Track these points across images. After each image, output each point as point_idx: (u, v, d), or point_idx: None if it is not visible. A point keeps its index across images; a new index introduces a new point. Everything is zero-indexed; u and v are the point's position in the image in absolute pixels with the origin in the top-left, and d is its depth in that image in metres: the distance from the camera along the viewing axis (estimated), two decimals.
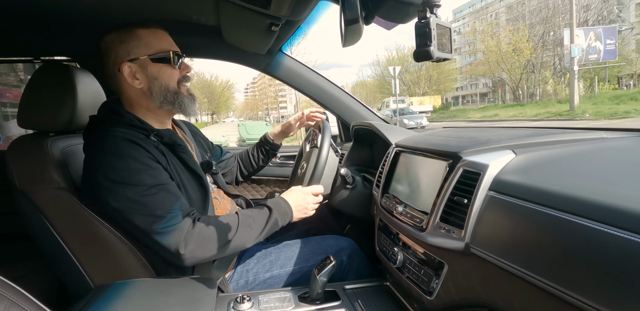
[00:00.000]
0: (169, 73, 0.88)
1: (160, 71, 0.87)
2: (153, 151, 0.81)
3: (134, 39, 0.85)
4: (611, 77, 21.51)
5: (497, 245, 0.54)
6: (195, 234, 0.77)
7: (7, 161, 0.83)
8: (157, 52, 0.86)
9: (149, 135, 0.84)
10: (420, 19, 0.52)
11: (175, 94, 0.88)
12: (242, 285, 0.95)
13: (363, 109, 1.60)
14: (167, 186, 0.78)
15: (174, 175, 0.84)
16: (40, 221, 0.82)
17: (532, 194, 0.52)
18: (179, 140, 0.90)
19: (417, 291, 0.74)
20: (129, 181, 0.75)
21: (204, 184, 0.90)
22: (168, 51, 0.87)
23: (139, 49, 0.85)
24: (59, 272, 0.88)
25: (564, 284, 0.43)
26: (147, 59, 0.85)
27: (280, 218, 0.88)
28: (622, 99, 14.38)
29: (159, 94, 0.87)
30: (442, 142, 0.80)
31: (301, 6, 0.85)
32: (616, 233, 0.39)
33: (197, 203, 0.88)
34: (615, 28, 16.74)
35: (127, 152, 0.77)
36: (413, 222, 0.75)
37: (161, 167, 0.81)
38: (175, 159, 0.87)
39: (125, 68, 0.84)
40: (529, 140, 0.69)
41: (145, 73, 0.86)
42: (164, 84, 0.87)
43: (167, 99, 0.88)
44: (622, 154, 0.65)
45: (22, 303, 0.38)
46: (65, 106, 0.89)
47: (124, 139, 0.79)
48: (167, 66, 0.87)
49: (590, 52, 15.87)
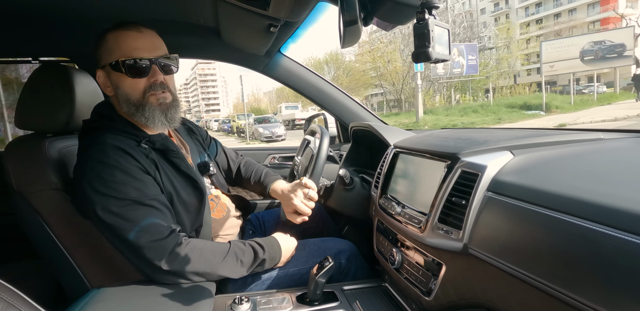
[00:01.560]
0: (130, 82, 0.80)
1: (120, 81, 0.81)
2: (143, 161, 0.79)
3: (103, 44, 0.81)
4: (480, 89, 23.34)
5: (495, 246, 0.54)
6: (181, 255, 0.76)
7: (5, 162, 0.83)
8: (116, 60, 0.79)
9: (140, 142, 0.82)
10: (418, 21, 0.52)
11: (138, 105, 0.81)
12: (240, 285, 0.95)
13: (362, 110, 1.61)
14: (152, 201, 0.77)
15: (166, 183, 0.83)
16: (37, 222, 0.81)
17: (530, 195, 0.52)
18: (172, 145, 0.88)
19: (416, 292, 0.74)
20: (113, 194, 0.74)
21: (199, 187, 0.89)
22: (128, 58, 0.78)
23: (106, 56, 0.81)
24: (56, 273, 0.88)
25: (561, 284, 0.43)
26: (108, 66, 0.80)
27: (268, 261, 0.89)
28: (466, 112, 15.68)
29: (125, 104, 0.82)
30: (440, 143, 0.80)
31: (300, 7, 0.85)
32: (613, 234, 0.39)
33: (192, 207, 0.87)
34: (475, 45, 18.51)
35: (115, 162, 0.75)
36: (411, 223, 0.76)
37: (150, 178, 0.79)
38: (168, 165, 0.86)
39: (99, 74, 0.83)
40: (526, 141, 0.69)
41: (109, 81, 0.83)
42: (125, 93, 0.81)
43: (130, 110, 0.82)
44: (620, 154, 0.65)
45: (18, 304, 0.37)
46: (63, 106, 0.88)
47: (113, 147, 0.77)
48: (123, 75, 0.80)
49: (455, 67, 17.19)
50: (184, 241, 0.78)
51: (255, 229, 1.24)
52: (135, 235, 0.74)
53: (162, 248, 0.75)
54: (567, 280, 0.43)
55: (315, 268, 0.85)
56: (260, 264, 0.88)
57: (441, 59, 0.54)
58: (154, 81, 0.82)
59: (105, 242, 0.83)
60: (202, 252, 0.79)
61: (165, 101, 0.85)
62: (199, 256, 0.78)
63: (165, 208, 0.79)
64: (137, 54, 0.79)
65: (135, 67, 0.79)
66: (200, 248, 0.79)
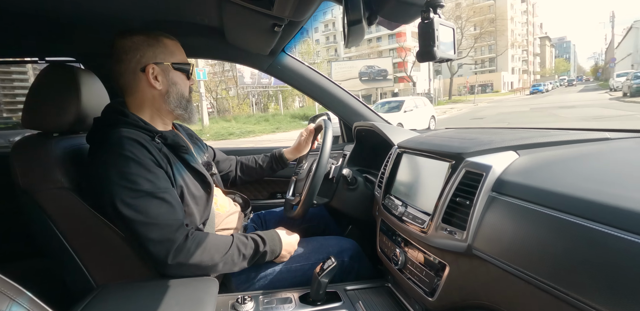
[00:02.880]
0: (185, 82, 0.96)
1: (179, 78, 0.94)
2: (156, 154, 0.82)
3: (161, 45, 0.91)
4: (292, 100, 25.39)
5: (499, 246, 0.54)
6: (187, 248, 0.78)
7: (11, 161, 0.84)
8: (179, 62, 0.93)
9: (153, 137, 0.86)
10: (423, 20, 0.52)
11: (187, 102, 0.96)
12: (243, 280, 0.95)
13: (365, 110, 1.60)
14: (164, 194, 0.79)
15: (177, 177, 0.86)
16: (44, 220, 0.82)
17: (535, 195, 0.52)
18: (182, 141, 0.93)
19: (419, 293, 0.74)
20: (128, 184, 0.76)
21: (207, 181, 0.93)
22: (188, 63, 0.96)
23: (164, 55, 0.91)
24: (62, 271, 0.89)
25: (566, 286, 0.43)
26: (170, 65, 0.92)
27: (270, 253, 0.91)
28: (259, 120, 16.36)
29: (175, 99, 0.93)
30: (444, 143, 0.79)
31: (304, 7, 0.85)
32: (619, 235, 0.38)
33: (201, 200, 0.91)
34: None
35: (130, 153, 0.78)
36: (415, 223, 0.75)
37: (162, 171, 0.82)
38: (178, 161, 0.89)
39: (150, 69, 0.88)
40: (531, 140, 0.69)
41: (166, 77, 0.91)
42: (181, 90, 0.94)
43: (181, 105, 0.94)
44: (626, 155, 0.64)
45: (24, 302, 0.38)
46: (69, 106, 0.89)
47: (128, 139, 0.80)
48: (184, 75, 0.95)
49: (263, 77, 18.03)
50: (190, 235, 0.80)
51: (258, 228, 1.25)
52: (146, 228, 0.76)
53: (169, 242, 0.77)
54: (572, 282, 0.42)
55: (318, 268, 0.85)
56: (261, 256, 0.90)
57: (446, 58, 0.54)
58: (191, 85, 0.99)
59: (111, 240, 0.83)
60: (206, 246, 0.81)
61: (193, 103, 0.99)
62: (203, 250, 0.80)
63: (175, 201, 0.82)
64: (190, 62, 0.98)
65: (191, 71, 0.97)
66: (205, 242, 0.81)
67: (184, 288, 0.76)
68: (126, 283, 0.80)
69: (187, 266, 0.78)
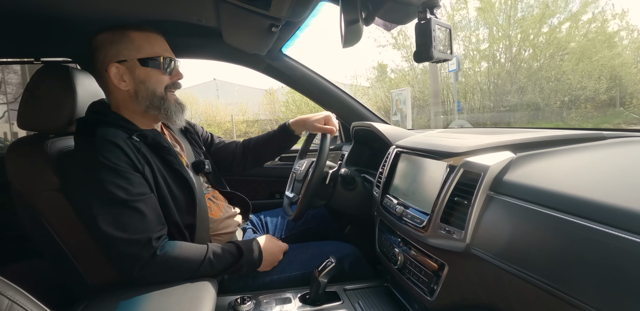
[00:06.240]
0: (157, 78, 0.87)
1: (148, 75, 0.86)
2: (132, 156, 0.79)
3: (126, 40, 0.85)
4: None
5: (498, 246, 0.54)
6: (153, 264, 0.76)
7: (7, 162, 0.83)
8: (147, 56, 0.85)
9: (131, 134, 0.83)
10: (420, 20, 0.52)
11: (161, 100, 0.88)
12: (240, 287, 0.95)
13: (363, 110, 1.60)
14: (137, 203, 0.76)
15: (158, 178, 0.83)
16: (39, 221, 0.82)
17: (533, 194, 0.52)
18: (164, 141, 0.89)
19: (418, 292, 0.74)
20: (99, 193, 0.74)
21: (189, 186, 0.89)
22: (159, 56, 0.87)
23: (129, 51, 0.84)
24: (59, 272, 0.88)
25: (564, 285, 0.43)
26: (136, 61, 0.85)
27: (247, 265, 0.88)
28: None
29: (145, 98, 0.86)
30: (442, 143, 0.80)
31: (301, 7, 0.85)
32: (617, 234, 0.39)
33: (184, 204, 0.88)
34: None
35: (104, 158, 0.75)
36: (413, 223, 0.75)
37: (138, 176, 0.79)
38: (159, 161, 0.86)
39: (113, 69, 0.84)
40: (528, 140, 0.69)
41: (132, 76, 0.85)
42: (151, 88, 0.87)
43: (153, 104, 0.87)
44: (624, 154, 0.65)
45: (22, 303, 0.38)
46: (65, 107, 0.88)
47: (103, 141, 0.77)
48: (156, 70, 0.87)
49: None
50: (159, 252, 0.77)
51: (257, 230, 1.24)
52: (113, 240, 0.74)
53: (135, 258, 0.74)
54: (570, 281, 0.42)
55: (318, 268, 0.85)
56: (237, 269, 0.87)
57: (443, 59, 0.54)
58: (176, 79, 0.91)
59: None
60: (175, 263, 0.78)
61: (178, 100, 0.92)
62: (170, 268, 0.77)
63: (150, 209, 0.78)
64: (168, 54, 0.89)
65: (168, 64, 0.88)
66: (174, 258, 0.78)
67: (182, 288, 0.76)
68: (125, 284, 0.79)
69: (154, 277, 0.77)
